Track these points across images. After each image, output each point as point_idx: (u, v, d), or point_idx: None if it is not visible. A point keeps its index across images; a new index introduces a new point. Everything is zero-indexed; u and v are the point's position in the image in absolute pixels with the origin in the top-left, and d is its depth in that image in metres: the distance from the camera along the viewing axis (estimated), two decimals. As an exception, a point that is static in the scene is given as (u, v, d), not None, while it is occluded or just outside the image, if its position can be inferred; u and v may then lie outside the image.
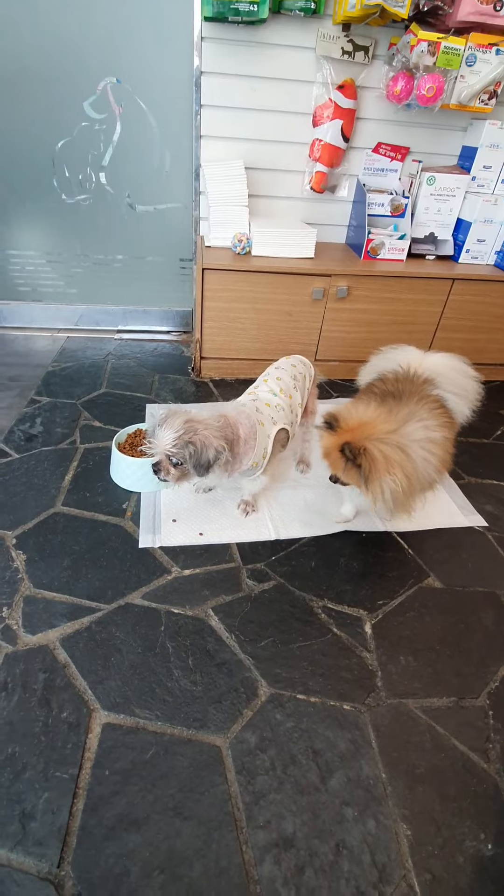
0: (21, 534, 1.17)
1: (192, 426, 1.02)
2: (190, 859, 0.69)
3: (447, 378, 1.20)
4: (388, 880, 0.68)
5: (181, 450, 1.01)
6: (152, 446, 1.05)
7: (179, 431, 1.01)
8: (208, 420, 1.07)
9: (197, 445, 1.01)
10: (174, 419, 1.03)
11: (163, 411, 1.08)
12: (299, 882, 0.68)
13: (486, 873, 0.71)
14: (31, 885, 0.66)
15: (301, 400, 1.31)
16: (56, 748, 0.79)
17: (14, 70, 1.70)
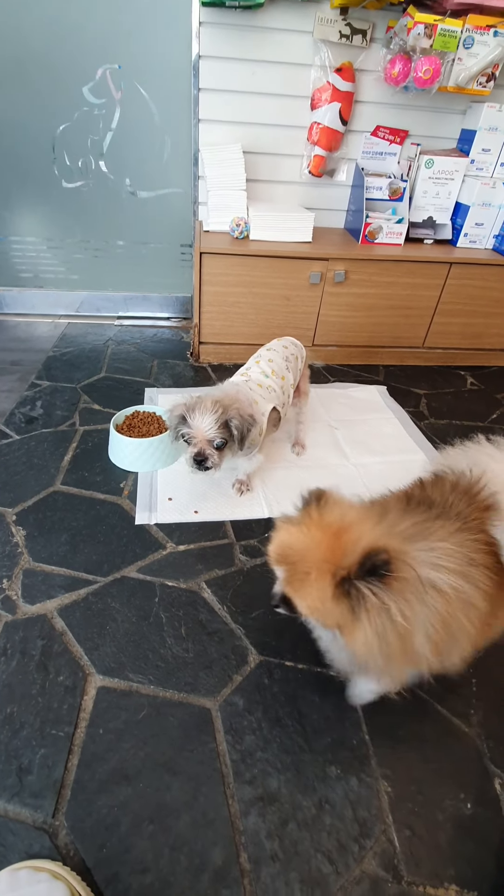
0: (21, 511, 1.20)
1: (222, 404, 1.04)
2: (178, 811, 0.72)
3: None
4: (368, 834, 0.71)
5: (224, 429, 1.03)
6: (191, 436, 1.06)
7: (217, 412, 1.03)
8: (227, 396, 1.08)
9: (237, 419, 1.04)
10: (202, 404, 1.04)
11: (177, 405, 1.09)
12: (282, 834, 0.70)
13: (465, 831, 0.73)
14: (27, 834, 0.69)
15: (293, 381, 1.32)
16: (52, 709, 0.82)
17: (14, 56, 1.71)
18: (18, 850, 0.68)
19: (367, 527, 0.60)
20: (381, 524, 0.61)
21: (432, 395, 1.87)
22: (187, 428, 1.06)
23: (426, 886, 0.67)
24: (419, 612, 0.57)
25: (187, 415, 1.05)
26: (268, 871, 0.67)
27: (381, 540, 0.57)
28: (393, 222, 1.83)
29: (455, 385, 1.96)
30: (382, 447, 1.54)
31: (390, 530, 0.61)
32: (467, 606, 0.60)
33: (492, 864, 0.70)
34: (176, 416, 1.08)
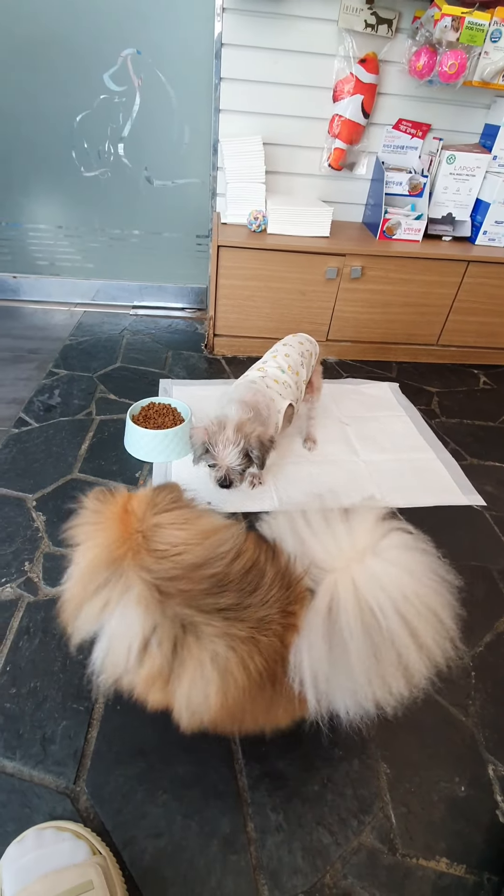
0: (41, 497, 1.25)
1: (244, 432, 1.08)
2: (190, 783, 0.77)
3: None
4: (367, 811, 0.76)
5: (246, 458, 1.09)
6: (215, 467, 1.11)
7: (240, 444, 1.07)
8: (249, 416, 1.11)
9: (257, 448, 1.09)
10: (225, 434, 1.08)
11: (197, 430, 1.12)
12: (287, 807, 0.76)
13: (458, 811, 0.78)
14: (50, 798, 0.75)
15: (306, 377, 1.35)
16: (73, 684, 0.87)
17: (36, 41, 1.71)
18: (43, 811, 0.74)
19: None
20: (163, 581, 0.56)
21: (444, 394, 1.88)
22: (211, 459, 1.10)
23: (419, 858, 0.72)
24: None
25: (210, 446, 1.09)
26: (272, 840, 0.72)
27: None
28: (412, 218, 1.82)
29: (468, 384, 1.97)
30: (393, 445, 1.57)
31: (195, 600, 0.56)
32: (202, 686, 0.57)
33: (480, 841, 0.75)
34: (199, 444, 1.11)
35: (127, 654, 0.56)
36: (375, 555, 0.56)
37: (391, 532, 0.59)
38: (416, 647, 0.54)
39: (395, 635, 0.53)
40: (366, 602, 0.53)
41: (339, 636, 0.53)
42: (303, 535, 0.61)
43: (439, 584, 0.57)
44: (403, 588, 0.54)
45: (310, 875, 0.70)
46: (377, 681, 0.54)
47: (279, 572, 0.60)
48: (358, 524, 0.59)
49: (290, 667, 0.57)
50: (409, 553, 0.57)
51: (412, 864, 0.72)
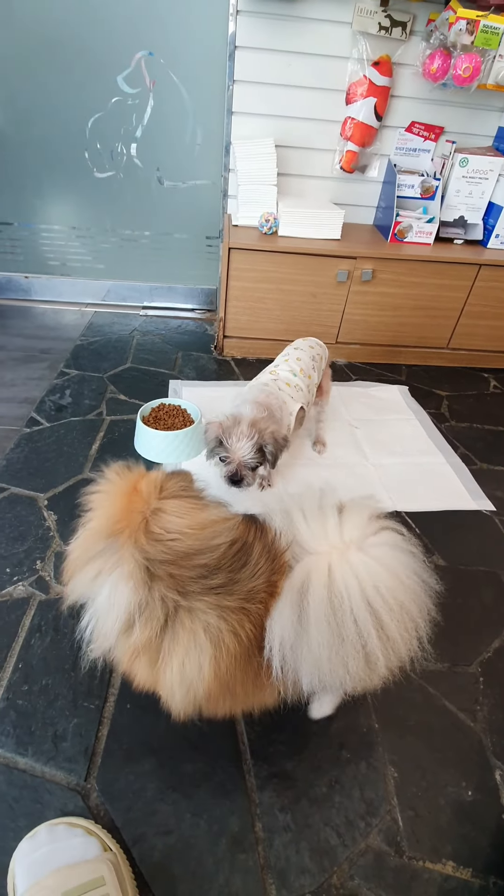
0: (52, 496, 1.27)
1: (258, 428, 1.09)
2: (199, 782, 0.78)
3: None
4: (374, 813, 0.77)
5: (259, 454, 1.09)
6: (226, 460, 1.11)
7: (253, 438, 1.07)
8: (263, 415, 1.12)
9: (271, 444, 1.09)
10: (239, 428, 1.09)
11: (212, 424, 1.13)
12: (295, 808, 0.76)
13: (464, 815, 0.78)
14: (62, 794, 0.76)
15: (317, 380, 1.35)
16: (83, 682, 0.89)
17: (52, 46, 1.72)
18: (54, 807, 0.75)
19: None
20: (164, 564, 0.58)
21: (454, 398, 1.88)
22: (224, 451, 1.10)
23: (425, 861, 0.73)
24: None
25: (224, 438, 1.10)
26: (280, 840, 0.73)
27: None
28: (423, 221, 1.82)
29: (478, 387, 1.96)
30: (402, 448, 1.57)
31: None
32: (194, 664, 0.58)
33: (486, 845, 0.75)
34: (212, 437, 1.12)
35: (112, 627, 0.59)
36: (359, 548, 0.59)
37: (381, 530, 0.61)
38: (380, 637, 0.56)
39: (361, 622, 0.55)
40: (336, 586, 0.56)
41: (305, 612, 0.56)
42: (294, 517, 0.63)
43: (417, 585, 0.59)
44: (377, 581, 0.56)
45: (317, 875, 0.71)
46: (336, 658, 0.56)
47: (266, 546, 0.63)
48: (349, 517, 0.62)
49: (266, 632, 0.59)
50: (393, 551, 0.60)
51: (418, 867, 0.73)
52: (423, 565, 0.62)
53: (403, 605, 0.58)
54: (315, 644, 0.56)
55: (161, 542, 0.59)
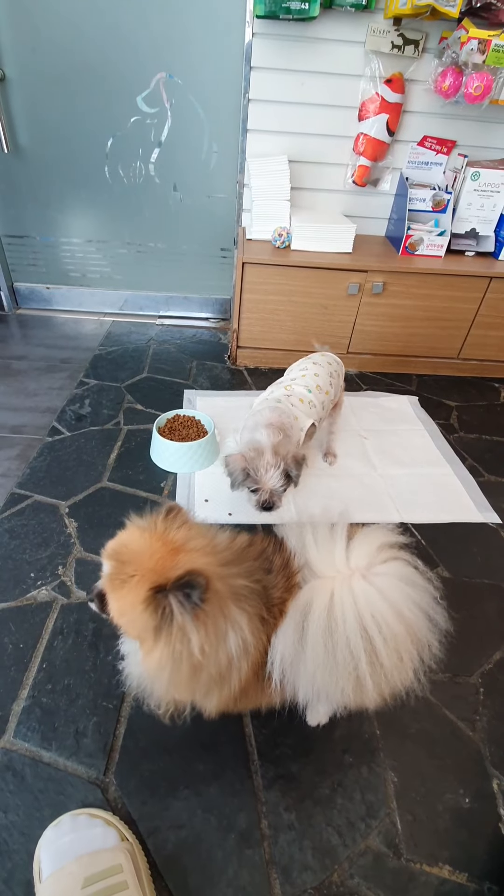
0: (73, 504, 1.33)
1: (280, 455, 1.14)
2: (209, 780, 0.83)
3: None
4: (374, 815, 0.81)
5: (286, 479, 1.15)
6: (256, 491, 1.16)
7: (279, 467, 1.13)
8: (280, 439, 1.16)
9: (294, 468, 1.15)
10: (264, 459, 1.13)
11: (232, 458, 1.17)
12: (299, 808, 0.81)
13: (461, 822, 0.82)
14: (83, 787, 0.82)
15: (334, 396, 1.39)
16: (103, 683, 0.95)
17: (74, 66, 1.80)
18: (76, 799, 0.81)
19: (204, 559, 0.60)
20: (220, 567, 0.61)
21: (464, 408, 1.90)
22: (253, 482, 1.15)
23: (423, 864, 0.77)
24: (214, 652, 0.59)
25: (251, 470, 1.14)
26: (285, 837, 0.78)
27: (209, 573, 0.57)
28: (434, 234, 1.84)
29: (488, 398, 1.98)
30: (410, 459, 1.60)
31: (224, 576, 0.61)
32: (238, 671, 0.64)
33: (483, 851, 0.78)
34: (238, 469, 1.15)
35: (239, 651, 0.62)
36: (363, 576, 0.62)
37: (390, 560, 0.64)
38: (371, 663, 0.59)
39: (354, 647, 0.59)
40: (335, 611, 0.60)
41: (305, 635, 0.61)
42: (306, 541, 0.67)
43: (419, 619, 0.62)
44: (375, 611, 0.60)
45: (319, 873, 0.75)
46: (330, 678, 0.60)
47: (284, 562, 0.68)
48: (359, 545, 0.65)
49: (271, 647, 0.64)
50: (398, 583, 0.62)
51: (416, 869, 0.76)
52: (432, 599, 0.65)
53: (398, 636, 0.61)
54: (311, 664, 0.61)
55: (233, 564, 0.62)
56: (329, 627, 0.60)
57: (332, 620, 0.60)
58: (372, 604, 0.60)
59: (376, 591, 0.61)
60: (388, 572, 0.63)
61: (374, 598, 0.61)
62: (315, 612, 0.61)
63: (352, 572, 0.64)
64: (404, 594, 0.62)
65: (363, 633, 0.59)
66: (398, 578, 0.63)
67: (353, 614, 0.60)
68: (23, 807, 0.79)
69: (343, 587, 0.62)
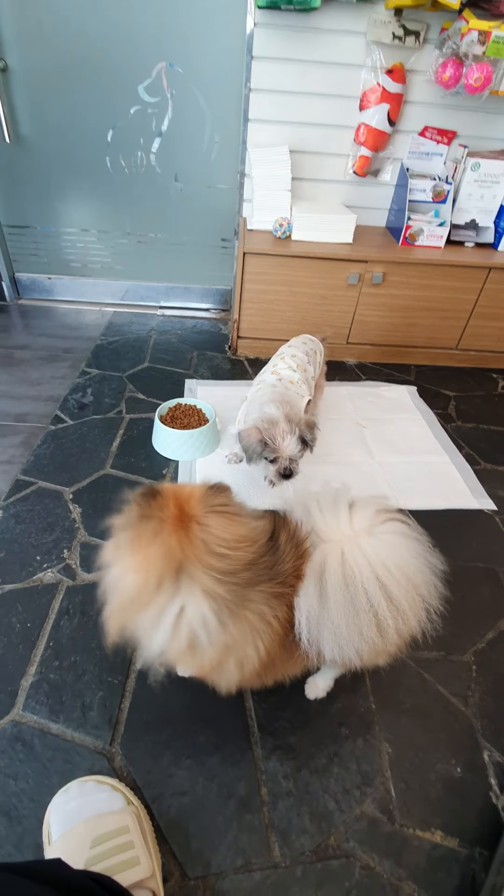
0: (76, 490, 1.36)
1: (294, 422, 1.16)
2: (211, 751, 0.87)
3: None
4: (369, 783, 0.84)
5: (303, 444, 1.17)
6: (273, 459, 1.18)
7: (295, 433, 1.15)
8: (286, 407, 1.19)
9: (309, 432, 1.17)
10: (279, 427, 1.15)
11: (246, 432, 1.18)
12: (297, 776, 0.84)
13: (453, 790, 0.85)
14: (90, 756, 0.86)
15: (314, 373, 1.42)
16: (108, 660, 0.98)
17: (75, 56, 1.79)
18: (84, 767, 0.84)
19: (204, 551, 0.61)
20: (218, 562, 0.62)
21: (461, 398, 1.92)
22: (271, 451, 1.17)
23: (415, 829, 0.80)
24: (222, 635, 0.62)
25: (268, 440, 1.16)
26: (283, 803, 0.81)
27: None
28: (434, 225, 1.85)
29: (485, 388, 2.00)
30: (408, 447, 1.62)
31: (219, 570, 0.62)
32: (252, 646, 0.66)
33: (473, 818, 0.82)
34: (255, 441, 1.17)
35: (202, 632, 0.62)
36: (369, 535, 0.67)
37: (388, 521, 0.70)
38: (389, 606, 0.64)
39: (371, 594, 0.63)
40: (348, 566, 0.64)
41: (325, 589, 0.65)
42: (312, 510, 0.72)
43: (422, 564, 0.67)
44: (385, 560, 0.64)
45: (316, 836, 0.79)
46: (353, 626, 0.64)
47: (289, 534, 0.71)
48: (359, 511, 0.70)
49: (295, 609, 0.68)
50: (399, 537, 0.68)
51: (409, 834, 0.80)
52: (428, 548, 0.70)
53: (410, 578, 0.66)
54: (334, 615, 0.65)
55: (227, 557, 0.63)
56: (346, 580, 0.65)
57: (348, 573, 0.65)
58: (380, 555, 0.65)
59: (382, 544, 0.67)
60: (389, 530, 0.69)
61: (382, 550, 0.66)
62: (331, 569, 0.66)
63: (356, 533, 0.68)
64: (406, 546, 0.68)
65: (377, 581, 0.64)
66: (398, 534, 0.69)
67: (366, 565, 0.65)
68: (32, 775, 0.82)
69: (351, 545, 0.67)
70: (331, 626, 0.64)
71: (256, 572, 0.65)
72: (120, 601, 0.63)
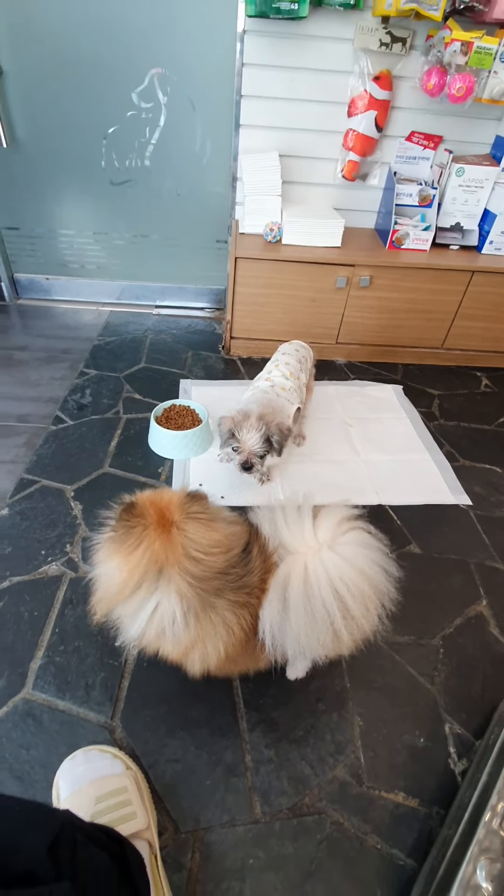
0: (77, 488, 1.45)
1: (265, 420, 1.24)
2: (201, 724, 0.97)
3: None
4: (341, 752, 0.95)
5: (266, 443, 1.24)
6: (238, 450, 1.26)
7: (261, 430, 1.22)
8: (267, 409, 1.27)
9: (277, 434, 1.24)
10: (248, 421, 1.23)
11: (225, 418, 1.27)
12: (277, 746, 0.95)
13: (416, 758, 0.96)
14: (93, 729, 0.96)
15: (306, 380, 1.50)
16: (108, 644, 1.08)
17: (70, 61, 1.83)
18: (87, 738, 0.94)
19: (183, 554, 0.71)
20: (194, 566, 0.72)
21: (445, 397, 2.00)
22: (236, 442, 1.26)
23: (381, 791, 0.91)
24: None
25: (235, 430, 1.25)
26: (265, 769, 0.92)
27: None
28: (420, 229, 1.91)
29: (469, 386, 2.08)
30: (392, 446, 1.71)
31: (195, 574, 0.71)
32: (213, 647, 0.76)
33: (433, 782, 0.93)
34: (226, 430, 1.27)
35: (160, 631, 0.73)
36: (330, 548, 0.75)
37: (350, 530, 0.77)
38: (344, 617, 0.72)
39: (328, 607, 0.71)
40: (310, 579, 0.72)
41: (287, 603, 0.73)
42: (278, 524, 0.80)
43: (378, 575, 0.75)
44: (342, 575, 0.72)
45: (293, 796, 0.89)
46: (311, 634, 0.73)
47: (260, 547, 0.80)
48: (324, 521, 0.78)
49: (259, 619, 0.76)
50: (359, 548, 0.76)
51: (375, 795, 0.91)
52: (386, 557, 0.78)
53: (364, 591, 0.74)
54: (295, 626, 0.73)
55: (201, 562, 0.72)
56: (307, 594, 0.72)
57: (309, 588, 0.73)
58: (340, 569, 0.73)
59: (341, 559, 0.74)
60: (350, 541, 0.76)
61: (341, 565, 0.74)
62: (293, 584, 0.73)
63: (320, 546, 0.76)
64: (364, 556, 0.75)
65: (335, 595, 0.72)
66: (358, 545, 0.76)
67: (326, 580, 0.72)
68: (42, 745, 0.93)
69: (314, 559, 0.74)
70: (292, 634, 0.73)
71: (225, 581, 0.74)
72: (106, 592, 0.74)
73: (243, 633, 0.76)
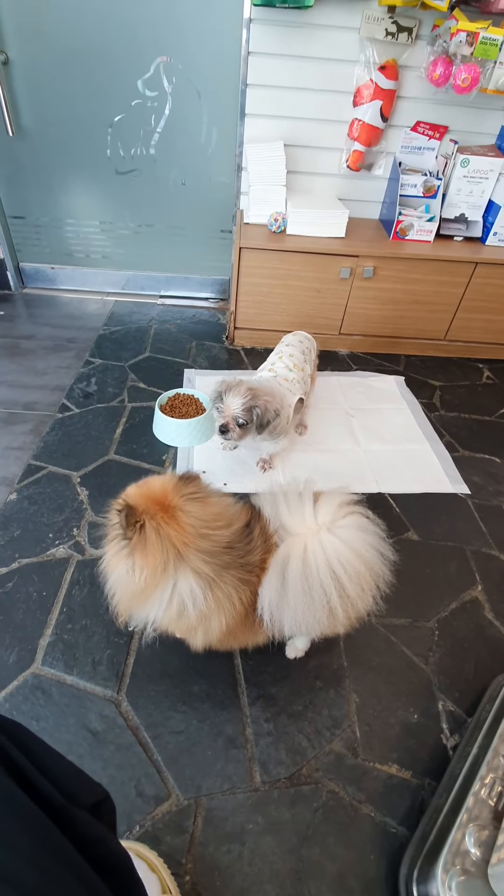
0: (83, 474, 1.48)
1: (254, 393, 1.25)
2: (203, 698, 1.01)
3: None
4: (337, 726, 0.99)
5: (247, 413, 1.24)
6: (220, 411, 1.28)
7: (246, 398, 1.24)
8: (263, 388, 1.29)
9: (261, 409, 1.25)
10: (238, 388, 1.25)
11: (222, 381, 1.29)
12: (276, 720, 0.99)
13: (409, 733, 1.00)
14: (100, 703, 1.00)
15: (311, 370, 1.52)
16: (115, 624, 1.11)
17: (76, 50, 1.84)
18: (95, 711, 0.99)
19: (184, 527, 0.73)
20: (198, 539, 0.74)
21: (447, 388, 2.02)
22: (220, 403, 1.29)
23: (375, 763, 0.95)
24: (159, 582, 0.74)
25: (224, 394, 1.28)
26: (264, 741, 0.96)
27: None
28: (424, 220, 1.91)
29: (470, 378, 2.09)
30: (392, 436, 1.73)
31: (201, 548, 0.74)
32: (217, 620, 0.78)
33: (425, 755, 0.97)
34: (216, 391, 1.30)
35: (191, 607, 0.76)
36: (329, 530, 0.78)
37: (349, 514, 0.80)
38: (341, 596, 0.75)
39: (326, 587, 0.75)
40: (308, 560, 0.76)
41: (286, 582, 0.76)
42: (279, 507, 0.83)
43: (374, 558, 0.78)
44: (340, 556, 0.76)
45: (290, 767, 0.93)
46: (308, 612, 0.76)
47: (262, 528, 0.83)
48: (323, 505, 0.81)
49: (259, 596, 0.80)
50: (356, 532, 0.79)
51: (369, 767, 0.95)
52: (383, 541, 0.81)
53: (360, 573, 0.78)
54: (292, 603, 0.76)
55: (209, 538, 0.76)
56: (305, 573, 0.76)
57: (307, 567, 0.76)
58: (337, 551, 0.76)
59: (340, 541, 0.77)
60: (348, 525, 0.79)
61: (339, 546, 0.77)
62: (293, 563, 0.77)
63: (319, 528, 0.79)
64: (362, 539, 0.78)
65: (332, 574, 0.75)
66: (356, 528, 0.79)
67: (324, 561, 0.75)
68: (52, 717, 0.97)
69: (314, 540, 0.78)
70: (290, 611, 0.77)
71: (233, 556, 0.78)
72: (130, 593, 0.76)
73: (243, 608, 0.79)
